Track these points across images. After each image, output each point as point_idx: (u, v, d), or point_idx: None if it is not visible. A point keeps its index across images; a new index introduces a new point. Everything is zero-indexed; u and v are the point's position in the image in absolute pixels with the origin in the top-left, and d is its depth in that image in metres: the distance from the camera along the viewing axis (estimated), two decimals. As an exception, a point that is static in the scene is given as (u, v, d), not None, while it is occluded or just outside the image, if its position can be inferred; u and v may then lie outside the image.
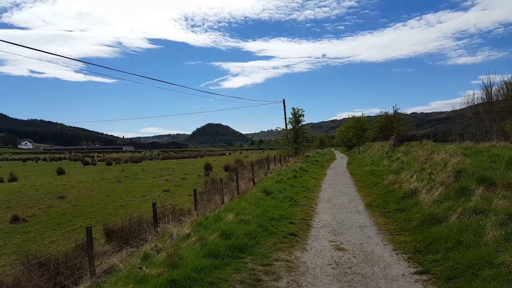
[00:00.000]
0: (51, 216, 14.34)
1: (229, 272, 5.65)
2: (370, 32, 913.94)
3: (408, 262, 5.97)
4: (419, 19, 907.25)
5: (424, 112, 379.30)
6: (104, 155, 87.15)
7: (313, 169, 23.99)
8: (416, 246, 6.60)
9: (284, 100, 37.52)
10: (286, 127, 36.80)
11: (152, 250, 7.07)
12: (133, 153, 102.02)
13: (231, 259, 6.25)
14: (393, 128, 43.21)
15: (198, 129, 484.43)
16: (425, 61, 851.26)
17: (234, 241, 6.99)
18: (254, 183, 17.25)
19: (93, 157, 72.10)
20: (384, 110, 50.82)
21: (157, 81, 58.30)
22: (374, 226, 8.61)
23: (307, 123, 41.05)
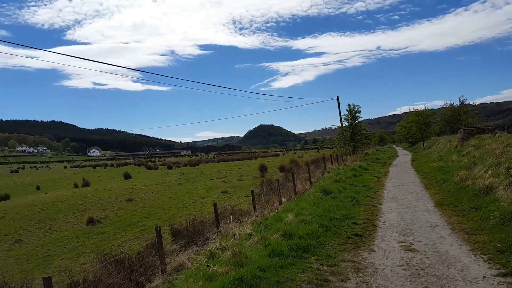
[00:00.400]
0: (122, 217, 15.48)
1: (295, 271, 5.70)
2: (428, 20, 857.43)
3: (489, 263, 5.55)
4: (484, 2, 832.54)
5: (495, 101, 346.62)
6: (164, 160, 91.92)
7: (374, 167, 23.17)
8: (497, 246, 6.11)
9: (338, 96, 36.68)
10: (341, 124, 35.94)
11: (217, 249, 7.35)
12: (190, 157, 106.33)
13: (295, 259, 6.29)
14: (461, 121, 40.25)
15: (250, 131, 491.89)
16: (493, 47, 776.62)
17: (296, 241, 7.03)
18: (311, 183, 17.11)
19: (155, 161, 76.39)
20: (449, 102, 47.35)
21: (209, 85, 60.35)
22: (446, 225, 8.12)
23: (364, 119, 39.75)
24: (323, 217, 8.96)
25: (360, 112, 34.27)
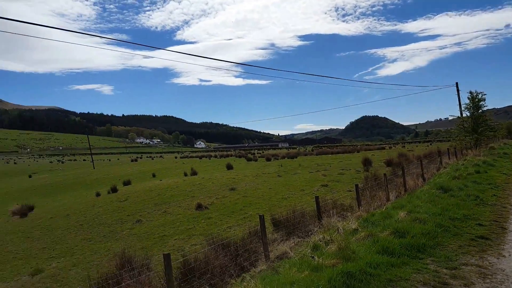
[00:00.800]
0: (226, 205, 16.56)
1: (409, 271, 5.36)
2: None
3: None
4: None
5: None
6: (263, 152, 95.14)
7: (502, 163, 20.24)
8: None
9: (457, 83, 32.99)
10: (461, 114, 32.22)
11: (320, 241, 7.35)
12: (288, 150, 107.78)
13: (409, 258, 5.92)
14: None
15: (352, 123, 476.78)
16: None
17: (409, 240, 6.60)
18: (424, 179, 15.85)
19: (254, 153, 79.58)
20: None
21: (309, 75, 59.93)
22: None
23: (489, 109, 34.90)
24: (441, 216, 8.22)
25: (484, 100, 30.27)
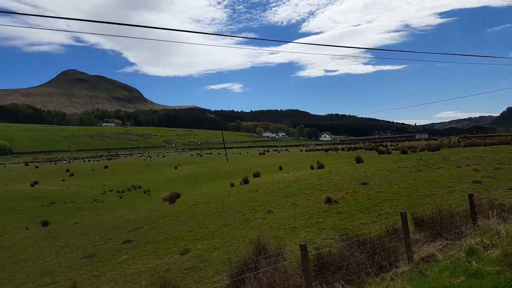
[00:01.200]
0: (358, 200, 16.04)
1: None
2: None
3: None
4: None
5: None
6: (397, 144, 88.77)
7: None
8: None
9: None
10: None
11: (477, 245, 6.52)
12: (428, 141, 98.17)
13: None
14: None
15: (508, 109, 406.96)
16: None
17: None
18: None
19: (387, 146, 74.90)
20: None
21: (452, 56, 53.14)
22: None
23: None
24: None
25: None
